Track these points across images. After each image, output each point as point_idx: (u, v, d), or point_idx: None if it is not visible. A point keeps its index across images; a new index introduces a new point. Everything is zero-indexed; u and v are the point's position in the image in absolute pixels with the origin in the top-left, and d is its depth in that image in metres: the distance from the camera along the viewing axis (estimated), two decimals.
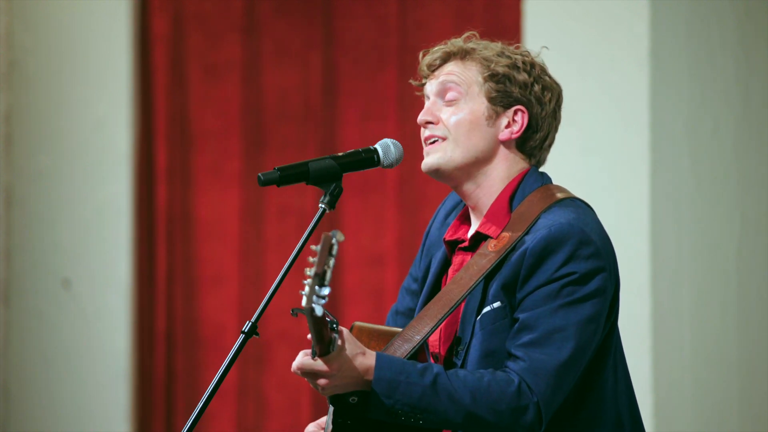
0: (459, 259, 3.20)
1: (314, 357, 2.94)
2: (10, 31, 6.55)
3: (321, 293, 2.75)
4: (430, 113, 3.22)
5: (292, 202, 6.37)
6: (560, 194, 3.14)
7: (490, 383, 2.95)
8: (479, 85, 3.18)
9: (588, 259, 3.02)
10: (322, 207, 3.13)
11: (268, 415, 6.41)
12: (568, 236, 3.02)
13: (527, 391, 2.96)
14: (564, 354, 2.98)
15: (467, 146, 3.18)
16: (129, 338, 6.45)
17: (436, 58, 3.23)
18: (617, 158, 5.34)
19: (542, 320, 2.99)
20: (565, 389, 3.00)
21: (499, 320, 3.05)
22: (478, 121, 3.18)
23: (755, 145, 5.45)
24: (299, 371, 2.97)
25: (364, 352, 2.95)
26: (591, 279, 3.02)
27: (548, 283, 3.01)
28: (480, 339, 3.05)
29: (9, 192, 6.55)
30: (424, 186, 6.15)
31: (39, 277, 6.51)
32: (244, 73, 6.44)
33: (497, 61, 3.18)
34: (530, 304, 3.01)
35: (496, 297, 3.05)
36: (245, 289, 6.43)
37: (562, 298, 3.00)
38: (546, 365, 2.97)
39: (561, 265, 3.01)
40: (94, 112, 6.49)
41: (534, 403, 2.96)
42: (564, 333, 2.98)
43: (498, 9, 6.00)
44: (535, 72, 3.20)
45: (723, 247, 5.42)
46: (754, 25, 5.44)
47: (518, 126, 3.19)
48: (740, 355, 5.42)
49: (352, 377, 2.94)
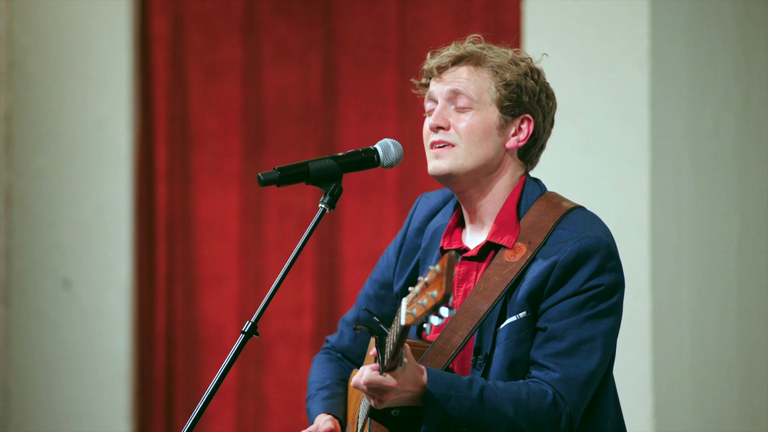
0: (465, 269, 3.21)
1: (383, 372, 2.93)
2: (10, 31, 6.55)
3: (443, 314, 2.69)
4: (442, 118, 3.21)
5: (292, 202, 6.37)
6: (566, 203, 3.19)
7: (529, 395, 3.01)
8: (491, 93, 3.19)
9: (611, 272, 3.08)
10: (322, 207, 3.13)
11: (268, 415, 6.41)
12: (597, 249, 3.07)
13: (561, 401, 3.02)
14: (592, 364, 3.04)
15: (478, 154, 3.18)
16: (129, 338, 6.45)
17: (447, 61, 3.22)
18: (617, 158, 5.34)
19: (570, 331, 3.04)
20: (589, 399, 3.07)
21: (524, 330, 3.09)
22: (490, 130, 3.19)
23: (755, 145, 5.45)
24: (365, 386, 2.95)
25: (419, 368, 2.98)
26: (615, 292, 3.09)
27: (576, 294, 3.06)
28: (504, 349, 3.08)
29: (9, 192, 6.55)
30: (424, 186, 6.14)
31: (39, 277, 6.51)
32: (244, 73, 6.44)
33: (510, 70, 3.19)
34: (556, 314, 3.06)
35: (522, 307, 3.09)
36: (245, 289, 6.43)
37: (588, 310, 3.06)
38: (576, 375, 3.03)
39: (589, 278, 3.06)
40: (94, 112, 6.49)
41: (567, 413, 3.03)
42: (591, 344, 3.05)
43: (498, 9, 5.99)
44: (540, 80, 3.23)
45: (723, 247, 5.42)
46: (754, 25, 5.44)
47: (524, 134, 3.21)
48: (740, 355, 5.42)
49: (410, 392, 2.97)
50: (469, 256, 3.20)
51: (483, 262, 3.18)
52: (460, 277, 3.21)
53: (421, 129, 3.30)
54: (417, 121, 6.11)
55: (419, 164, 6.07)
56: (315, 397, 3.40)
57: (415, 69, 3.28)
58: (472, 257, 3.20)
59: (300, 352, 6.38)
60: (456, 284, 3.21)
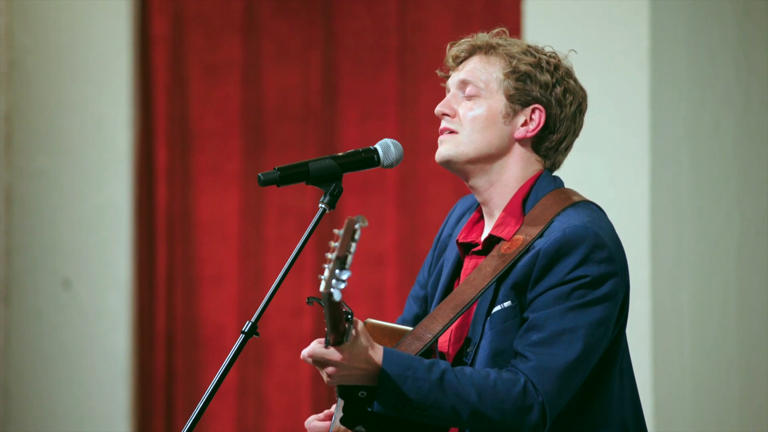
0: (472, 263, 3.20)
1: (327, 345, 2.93)
2: (10, 31, 6.55)
3: (341, 277, 2.74)
4: (447, 106, 3.21)
5: (292, 202, 6.37)
6: (575, 197, 3.16)
7: (496, 381, 2.95)
8: (499, 81, 3.18)
9: (601, 263, 3.03)
10: (322, 207, 3.13)
11: (268, 415, 6.41)
12: (582, 239, 3.03)
13: (533, 390, 2.96)
14: (571, 355, 2.98)
15: (479, 141, 3.17)
16: (129, 338, 6.45)
17: (462, 51, 3.23)
18: (617, 158, 5.34)
19: (551, 321, 2.99)
20: (571, 391, 3.00)
21: (509, 320, 3.05)
22: (495, 118, 3.18)
23: (755, 145, 5.45)
24: (310, 358, 2.97)
25: (374, 346, 2.94)
26: (603, 283, 3.02)
27: (560, 284, 3.01)
28: (489, 338, 3.05)
29: (9, 192, 6.55)
30: (424, 186, 6.15)
31: (39, 277, 6.51)
32: (244, 73, 6.44)
33: (521, 59, 3.18)
34: (540, 304, 3.02)
35: (507, 296, 3.06)
36: (245, 289, 6.43)
37: (573, 300, 3.01)
38: (553, 365, 2.97)
39: (574, 268, 3.01)
40: (94, 112, 6.49)
41: (539, 403, 2.96)
42: (573, 334, 2.99)
43: (498, 9, 6.00)
44: (558, 74, 3.20)
45: (723, 247, 5.42)
46: (754, 25, 5.44)
47: (534, 125, 3.19)
48: (740, 355, 5.42)
49: (360, 369, 2.93)
50: (477, 251, 3.20)
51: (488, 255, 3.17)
52: (467, 270, 3.20)
53: (420, 129, 3.31)
54: (417, 121, 6.11)
55: (419, 164, 6.07)
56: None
57: (415, 69, 3.29)
58: (479, 251, 3.19)
59: (300, 352, 6.38)
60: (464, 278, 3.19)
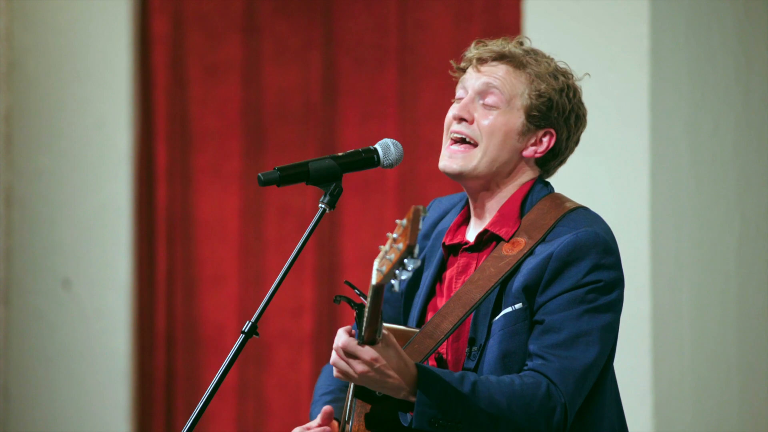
0: (464, 261, 3.21)
1: (362, 343, 2.90)
2: (10, 31, 6.55)
3: (409, 267, 2.69)
4: (466, 111, 3.21)
5: (292, 202, 6.37)
6: (569, 203, 3.19)
7: (522, 387, 2.99)
8: (523, 99, 3.20)
9: (611, 269, 3.08)
10: (322, 207, 3.14)
11: (268, 415, 6.41)
12: (594, 244, 3.07)
13: (555, 392, 3.00)
14: (589, 357, 3.03)
15: (494, 157, 3.19)
16: (129, 338, 6.45)
17: (490, 54, 3.22)
18: (617, 158, 5.34)
19: (568, 324, 3.03)
20: (585, 393, 3.06)
21: (519, 322, 3.08)
22: (511, 134, 3.20)
23: (755, 145, 5.45)
24: (342, 350, 2.92)
25: (404, 356, 2.94)
26: (614, 289, 3.08)
27: (574, 288, 3.05)
28: (498, 340, 3.08)
29: (9, 192, 6.55)
30: (424, 186, 6.15)
31: (39, 277, 6.51)
32: (244, 73, 6.44)
33: (547, 81, 3.20)
34: (554, 307, 3.05)
35: (517, 298, 3.08)
36: (245, 289, 6.43)
37: (587, 304, 3.05)
38: (572, 367, 3.02)
39: (588, 272, 3.06)
40: (94, 112, 6.49)
41: (562, 404, 3.00)
42: (589, 337, 3.03)
43: (498, 9, 6.00)
44: (575, 100, 3.25)
45: (723, 247, 5.42)
46: (754, 25, 5.44)
47: (543, 147, 3.23)
48: (740, 355, 5.42)
49: (393, 378, 2.92)
50: (468, 248, 3.21)
51: (482, 252, 3.19)
52: (459, 269, 3.22)
53: (421, 129, 3.31)
54: (417, 121, 6.11)
55: (419, 164, 6.07)
56: (317, 402, 3.39)
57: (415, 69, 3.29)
58: (470, 248, 3.20)
59: (300, 352, 6.39)
60: (455, 276, 3.22)
